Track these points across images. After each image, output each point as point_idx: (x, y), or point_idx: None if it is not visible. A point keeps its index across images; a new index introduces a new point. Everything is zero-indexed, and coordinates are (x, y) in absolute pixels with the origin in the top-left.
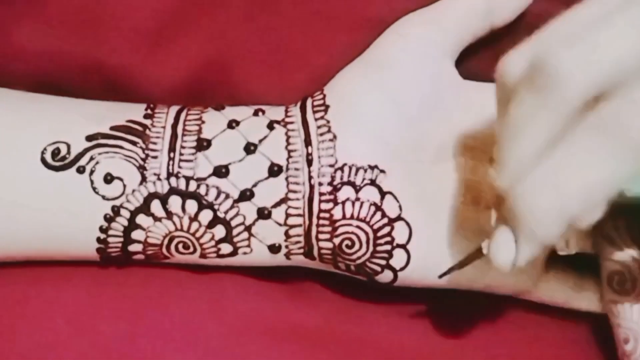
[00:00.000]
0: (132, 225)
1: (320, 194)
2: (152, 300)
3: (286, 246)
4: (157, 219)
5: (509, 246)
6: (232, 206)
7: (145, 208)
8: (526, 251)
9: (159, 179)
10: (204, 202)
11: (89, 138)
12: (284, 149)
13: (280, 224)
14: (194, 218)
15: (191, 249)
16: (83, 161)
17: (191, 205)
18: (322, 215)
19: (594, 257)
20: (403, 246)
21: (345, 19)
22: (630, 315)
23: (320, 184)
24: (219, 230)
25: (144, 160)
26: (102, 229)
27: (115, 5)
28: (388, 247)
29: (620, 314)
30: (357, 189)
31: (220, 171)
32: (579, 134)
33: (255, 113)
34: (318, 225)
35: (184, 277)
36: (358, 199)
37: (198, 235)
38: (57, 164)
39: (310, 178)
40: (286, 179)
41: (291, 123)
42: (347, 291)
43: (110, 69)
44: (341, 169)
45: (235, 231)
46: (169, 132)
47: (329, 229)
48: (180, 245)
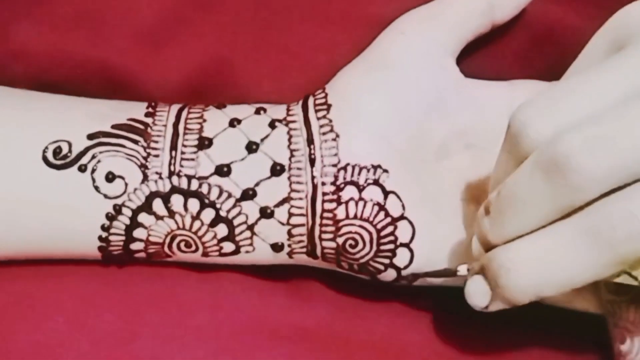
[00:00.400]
0: (134, 223)
1: (324, 194)
2: (153, 300)
3: (289, 245)
4: (159, 218)
5: (483, 294)
6: (234, 205)
7: (147, 207)
8: (498, 305)
9: (160, 178)
10: (206, 201)
11: (91, 137)
12: (286, 148)
13: (283, 224)
14: (196, 217)
15: (193, 248)
16: (84, 160)
17: (193, 204)
18: (326, 215)
19: None
20: (406, 245)
21: (346, 18)
22: (626, 315)
23: (323, 184)
24: (221, 229)
25: (145, 158)
26: (104, 228)
27: (116, 4)
28: (391, 246)
29: (617, 314)
30: (361, 188)
31: (222, 170)
32: (571, 228)
33: (257, 111)
34: (321, 225)
35: (185, 277)
36: (361, 199)
37: (200, 233)
38: (59, 162)
39: (313, 178)
40: (289, 178)
41: (293, 122)
42: (349, 290)
43: (111, 68)
44: (344, 168)
45: (237, 230)
46: (170, 131)
47: (332, 228)
48: (182, 244)
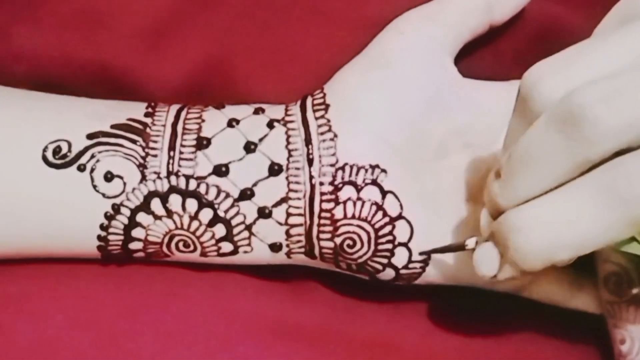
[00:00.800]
0: (133, 223)
1: (322, 194)
2: (153, 299)
3: (287, 245)
4: (157, 217)
5: (493, 261)
6: (232, 205)
7: (145, 206)
8: (507, 272)
9: (159, 178)
10: (204, 201)
11: (90, 136)
12: (284, 148)
13: (281, 224)
14: (194, 217)
15: (191, 248)
16: (84, 159)
17: (191, 203)
18: (324, 214)
19: (591, 258)
20: (404, 244)
21: (344, 17)
22: (626, 316)
23: (321, 184)
24: (219, 229)
25: (144, 158)
26: (103, 227)
27: (116, 5)
28: (389, 246)
29: (617, 315)
30: (359, 188)
31: (220, 170)
32: (588, 185)
33: (256, 112)
34: (319, 225)
35: (184, 276)
36: (359, 199)
37: (198, 233)
38: (59, 162)
39: (311, 177)
40: (287, 178)
41: (291, 122)
42: (348, 290)
43: (112, 69)
44: (342, 168)
45: (235, 230)
46: (169, 131)
47: (330, 228)
48: (180, 244)
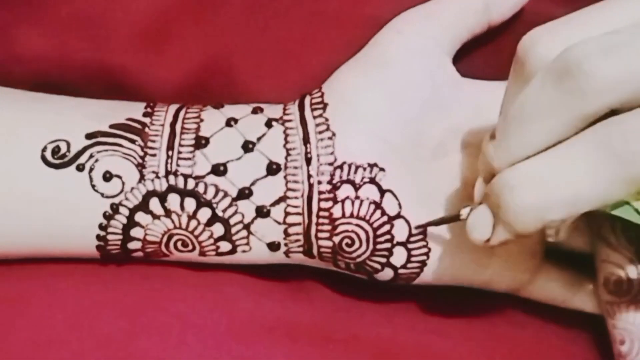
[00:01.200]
0: (131, 222)
1: (320, 193)
2: (152, 298)
3: (285, 244)
4: (156, 217)
5: (486, 225)
6: (231, 204)
7: (144, 206)
8: (500, 235)
9: (157, 177)
10: (202, 200)
11: (89, 136)
12: (282, 147)
13: (279, 223)
14: (193, 216)
15: (190, 247)
16: (82, 159)
17: (189, 203)
18: (322, 213)
19: (590, 259)
20: (403, 244)
21: (343, 18)
22: (626, 316)
23: (319, 183)
24: (218, 229)
25: (142, 158)
26: (102, 227)
27: (116, 6)
28: (388, 245)
29: (616, 316)
30: (357, 187)
31: (219, 169)
32: (583, 142)
33: (254, 111)
34: (317, 224)
35: (184, 275)
36: (358, 197)
37: (197, 233)
38: (57, 161)
39: (309, 176)
40: (285, 177)
41: (289, 121)
42: (347, 290)
43: (112, 70)
44: (340, 167)
45: (234, 229)
46: (167, 131)
47: (328, 227)
48: (179, 243)
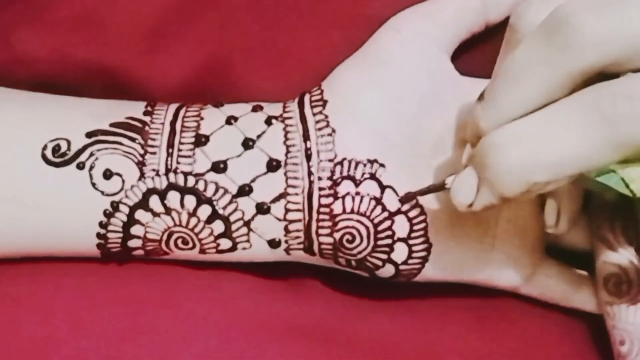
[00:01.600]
0: (131, 220)
1: (320, 189)
2: (153, 297)
3: (286, 241)
4: (156, 215)
5: (470, 188)
6: (231, 201)
7: (144, 204)
8: (484, 198)
9: (157, 175)
10: (203, 198)
11: (89, 135)
12: (282, 144)
13: (279, 219)
14: (193, 213)
15: (190, 245)
16: (83, 157)
17: (190, 200)
18: (322, 210)
19: (590, 258)
20: (404, 240)
21: (343, 17)
22: (626, 317)
23: (319, 179)
24: (218, 226)
25: (142, 156)
26: (102, 225)
27: (115, 6)
28: (389, 241)
29: (616, 316)
30: (357, 183)
31: (219, 167)
32: (572, 104)
33: (254, 109)
34: (318, 220)
35: (184, 274)
36: (358, 193)
37: (197, 230)
38: (58, 160)
39: (309, 173)
40: (285, 174)
41: (289, 118)
42: (347, 289)
43: (112, 70)
44: (341, 163)
45: (234, 226)
46: (167, 129)
47: (329, 223)
48: (179, 241)
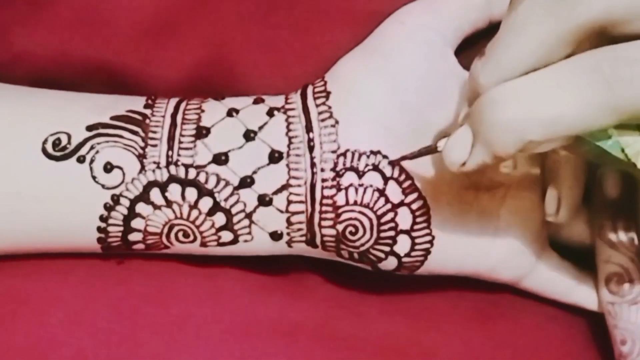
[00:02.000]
0: (132, 214)
1: (323, 180)
2: (151, 296)
3: (288, 233)
4: (157, 207)
5: (464, 146)
6: (232, 193)
7: (144, 196)
8: (477, 156)
9: (158, 167)
10: (204, 190)
11: (90, 128)
12: (284, 135)
13: (281, 211)
14: (194, 206)
15: (191, 238)
16: (83, 151)
17: (191, 192)
18: (325, 201)
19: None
20: (407, 232)
21: (346, 13)
22: (627, 316)
23: (322, 170)
24: (219, 218)
25: (143, 149)
26: (102, 218)
27: (116, 4)
28: (392, 233)
29: (618, 315)
30: (360, 174)
31: (220, 158)
32: (572, 64)
33: (255, 102)
34: (321, 212)
35: (183, 273)
36: (361, 185)
37: (198, 223)
38: (58, 154)
39: (312, 164)
40: (287, 165)
41: (292, 109)
42: (348, 285)
43: (112, 67)
44: (344, 154)
45: (235, 218)
46: (168, 121)
47: (332, 215)
48: (180, 234)
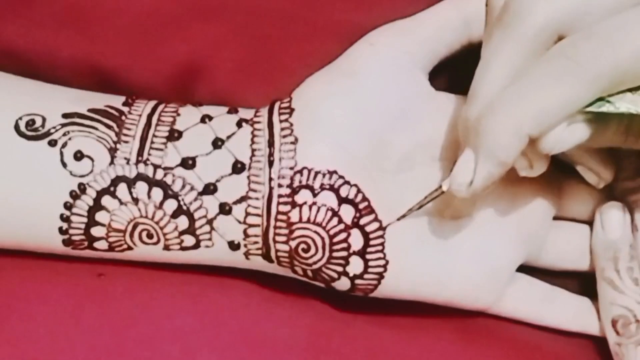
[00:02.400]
0: (97, 206)
1: (279, 196)
2: (138, 312)
3: (245, 245)
4: (123, 203)
5: (468, 167)
6: (196, 198)
7: (111, 190)
8: (483, 170)
9: (127, 163)
10: (170, 192)
11: (66, 116)
12: (248, 147)
13: (240, 222)
14: (159, 206)
15: (155, 239)
16: (56, 135)
17: (157, 193)
18: (280, 217)
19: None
20: (359, 254)
21: (333, 27)
22: (634, 356)
23: (279, 186)
24: (182, 221)
25: (115, 143)
26: (67, 206)
27: (100, 4)
28: (344, 254)
29: (625, 356)
30: (315, 193)
31: (187, 163)
32: (541, 63)
33: (229, 111)
34: (275, 227)
35: (171, 288)
36: (315, 203)
37: (162, 224)
38: (30, 133)
39: (270, 179)
40: (248, 177)
41: (258, 123)
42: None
43: (100, 66)
44: (300, 172)
45: (197, 223)
46: (144, 121)
47: (285, 231)
48: (144, 234)
